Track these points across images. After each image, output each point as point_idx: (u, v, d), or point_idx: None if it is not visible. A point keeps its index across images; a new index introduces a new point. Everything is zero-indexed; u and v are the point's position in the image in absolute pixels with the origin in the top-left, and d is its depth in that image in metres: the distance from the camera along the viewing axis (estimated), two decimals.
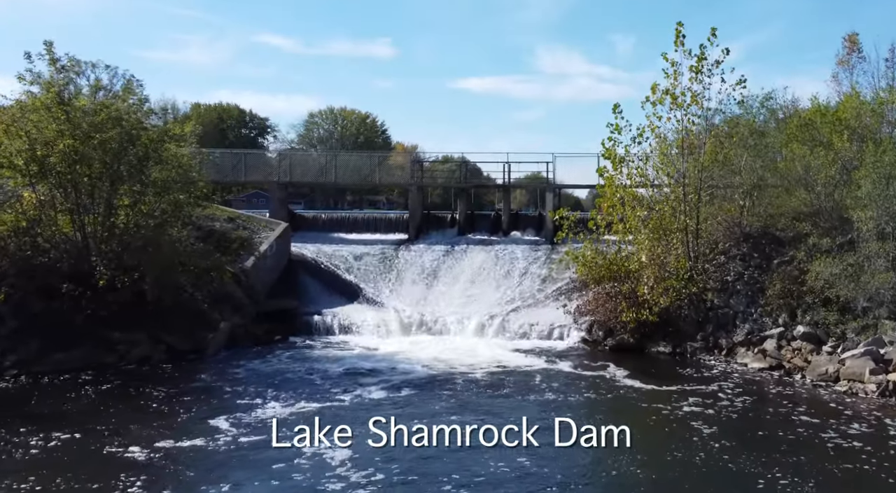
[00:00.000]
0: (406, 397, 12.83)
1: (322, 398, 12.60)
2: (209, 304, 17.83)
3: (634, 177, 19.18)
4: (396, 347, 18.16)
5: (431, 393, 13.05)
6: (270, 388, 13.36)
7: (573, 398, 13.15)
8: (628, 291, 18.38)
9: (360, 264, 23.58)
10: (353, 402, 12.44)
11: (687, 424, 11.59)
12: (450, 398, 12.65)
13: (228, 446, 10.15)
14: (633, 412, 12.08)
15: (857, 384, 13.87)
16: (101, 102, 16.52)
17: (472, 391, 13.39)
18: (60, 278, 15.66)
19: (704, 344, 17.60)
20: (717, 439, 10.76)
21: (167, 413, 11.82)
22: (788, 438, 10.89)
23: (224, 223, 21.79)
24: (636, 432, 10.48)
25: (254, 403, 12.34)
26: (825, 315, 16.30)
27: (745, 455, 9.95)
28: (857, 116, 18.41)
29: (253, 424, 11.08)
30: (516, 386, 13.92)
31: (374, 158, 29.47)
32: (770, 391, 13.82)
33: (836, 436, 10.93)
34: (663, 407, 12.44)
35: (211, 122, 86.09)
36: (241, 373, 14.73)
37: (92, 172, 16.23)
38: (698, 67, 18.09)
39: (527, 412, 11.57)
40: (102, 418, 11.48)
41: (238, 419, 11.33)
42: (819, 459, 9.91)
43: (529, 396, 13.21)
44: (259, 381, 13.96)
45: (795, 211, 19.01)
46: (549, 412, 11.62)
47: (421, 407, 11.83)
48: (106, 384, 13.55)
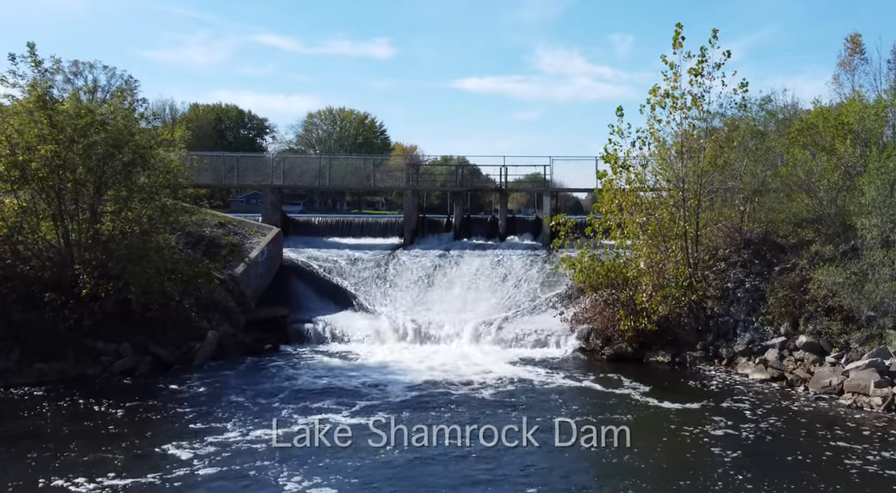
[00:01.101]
0: (394, 414, 12.27)
1: (303, 418, 11.84)
2: (197, 312, 17.39)
3: (633, 182, 18.75)
4: (389, 356, 17.73)
5: (420, 412, 12.44)
6: (251, 406, 12.71)
7: (567, 419, 12.38)
8: (626, 298, 17.96)
9: (353, 270, 23.18)
10: (339, 423, 11.78)
11: (686, 444, 11.17)
12: (439, 418, 11.99)
13: (193, 478, 9.31)
14: (631, 430, 11.63)
15: (861, 398, 13.45)
16: (85, 105, 16.07)
17: (464, 410, 12.73)
18: (42, 287, 15.28)
19: (704, 353, 17.18)
20: (716, 460, 10.35)
21: (135, 434, 11.05)
22: (791, 458, 10.45)
23: (214, 229, 21.37)
24: (635, 456, 10.18)
25: (229, 425, 11.48)
26: (828, 325, 15.89)
27: (742, 476, 9.53)
28: (861, 120, 17.95)
29: (224, 451, 10.31)
30: (509, 404, 13.15)
31: (370, 162, 28.99)
32: (772, 406, 13.37)
33: (840, 456, 10.50)
34: (662, 426, 11.97)
35: (209, 122, 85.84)
36: (225, 387, 14.15)
37: (76, 178, 15.82)
38: (698, 70, 17.67)
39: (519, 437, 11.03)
40: (63, 438, 10.78)
41: (209, 443, 10.55)
42: (821, 479, 9.48)
43: (523, 414, 12.44)
44: (242, 398, 13.25)
45: (797, 217, 18.59)
46: (544, 444, 10.96)
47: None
48: (81, 399, 12.97)
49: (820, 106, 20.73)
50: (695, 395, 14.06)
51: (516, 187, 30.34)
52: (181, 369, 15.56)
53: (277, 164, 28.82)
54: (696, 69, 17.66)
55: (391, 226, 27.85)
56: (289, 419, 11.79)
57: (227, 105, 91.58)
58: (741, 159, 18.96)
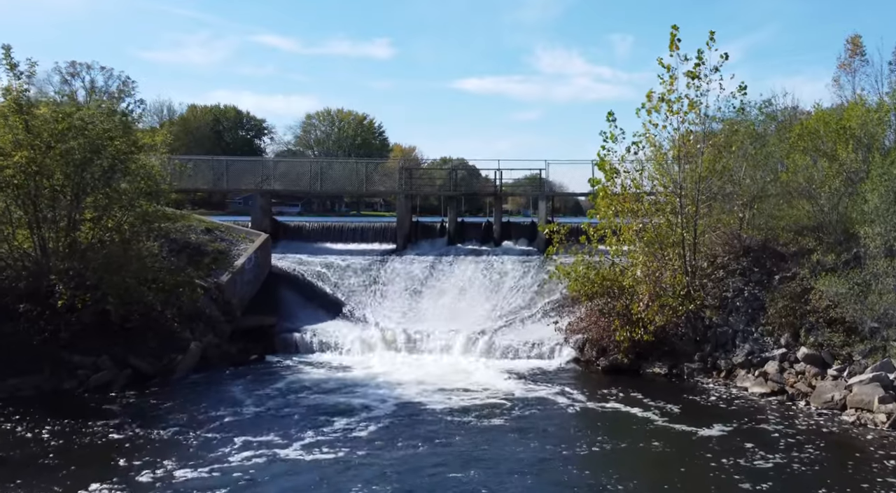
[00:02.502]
0: (380, 434, 11.76)
1: (283, 441, 11.26)
2: (180, 322, 16.86)
3: (629, 188, 18.23)
4: (378, 367, 17.22)
5: (407, 432, 11.89)
6: (229, 424, 12.16)
7: (561, 443, 11.94)
8: (622, 308, 17.44)
9: (343, 277, 22.66)
10: (322, 443, 11.27)
11: (683, 468, 10.66)
12: (426, 442, 11.42)
13: None
14: (628, 454, 11.14)
15: (865, 414, 12.93)
16: (63, 109, 15.56)
17: (452, 431, 12.08)
18: (17, 298, 14.77)
19: (702, 365, 16.66)
20: (716, 484, 9.84)
21: (105, 453, 10.60)
22: (794, 483, 9.95)
23: (201, 235, 20.86)
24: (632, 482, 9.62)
25: (201, 449, 10.86)
26: (830, 336, 15.36)
27: None
28: (863, 125, 17.43)
29: (193, 473, 9.82)
30: (500, 429, 12.33)
31: (362, 166, 28.46)
32: (773, 422, 12.83)
33: (844, 480, 9.99)
34: (660, 449, 11.43)
35: (207, 123, 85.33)
36: (203, 403, 13.57)
37: (53, 185, 15.32)
38: (695, 73, 17.17)
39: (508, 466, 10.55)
40: (32, 457, 10.34)
41: (179, 465, 10.04)
42: None
43: (515, 439, 11.81)
44: (219, 414, 12.70)
45: (798, 224, 18.07)
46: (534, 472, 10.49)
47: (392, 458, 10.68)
48: (54, 415, 12.39)
49: (821, 110, 20.21)
50: (693, 412, 13.52)
51: (512, 191, 29.82)
52: (161, 382, 15.05)
53: (270, 168, 28.31)
54: (693, 72, 17.16)
55: (384, 231, 27.31)
56: (266, 443, 11.23)
57: (225, 106, 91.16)
58: (740, 164, 18.43)
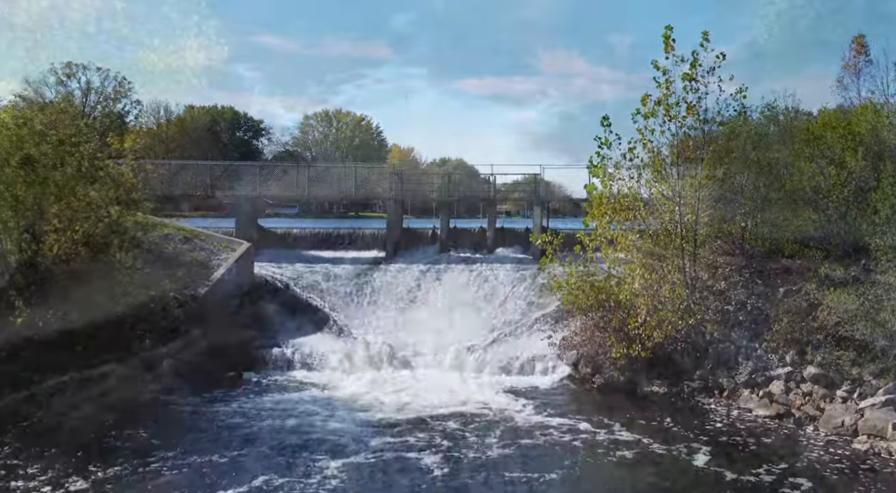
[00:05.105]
0: (349, 474, 10.83)
1: (253, 475, 10.51)
2: (153, 340, 15.99)
3: (625, 195, 17.33)
4: (362, 386, 16.36)
5: (389, 464, 11.09)
6: (195, 454, 11.33)
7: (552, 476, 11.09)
8: (618, 322, 16.55)
9: (329, 287, 21.76)
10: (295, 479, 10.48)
11: None
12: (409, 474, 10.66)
13: None
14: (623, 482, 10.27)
15: (879, 443, 12.06)
16: (23, 114, 14.70)
17: (439, 467, 11.15)
18: None
19: (703, 384, 15.78)
20: None
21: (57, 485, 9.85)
22: None
23: (179, 244, 19.97)
24: None
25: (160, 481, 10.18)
26: (839, 355, 14.46)
27: None
28: (873, 130, 16.52)
29: None
30: (489, 463, 11.41)
31: (352, 171, 27.59)
32: (780, 451, 11.96)
33: None
34: (657, 479, 10.60)
35: (204, 124, 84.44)
36: (170, 430, 12.72)
37: (14, 195, 14.43)
38: (692, 75, 16.26)
39: None
40: None
41: None
42: None
43: (504, 472, 10.98)
44: (183, 444, 11.82)
45: (803, 234, 17.12)
46: None
47: None
48: (10, 441, 11.59)
49: (826, 112, 19.33)
50: (694, 437, 12.64)
51: (505, 196, 28.95)
52: (130, 404, 14.15)
53: (252, 173, 27.33)
54: (690, 74, 16.25)
55: (373, 238, 26.37)
56: (234, 478, 10.38)
57: (222, 107, 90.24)
58: (742, 171, 17.53)
